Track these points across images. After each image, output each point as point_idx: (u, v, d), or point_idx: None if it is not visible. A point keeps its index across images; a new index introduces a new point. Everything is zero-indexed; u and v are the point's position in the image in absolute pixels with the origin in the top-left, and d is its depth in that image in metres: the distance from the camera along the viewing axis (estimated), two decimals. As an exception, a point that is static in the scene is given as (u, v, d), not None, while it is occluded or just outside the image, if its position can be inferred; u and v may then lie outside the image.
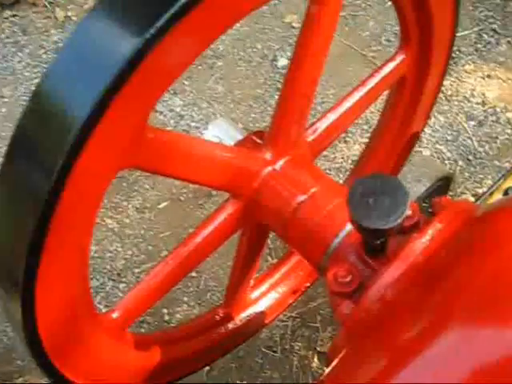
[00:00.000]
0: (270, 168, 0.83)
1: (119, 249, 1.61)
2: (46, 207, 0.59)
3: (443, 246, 0.67)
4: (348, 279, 0.72)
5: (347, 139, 1.68)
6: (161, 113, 1.77)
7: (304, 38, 0.77)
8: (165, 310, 1.49)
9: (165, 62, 0.58)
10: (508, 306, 0.59)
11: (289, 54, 1.86)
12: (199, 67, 1.86)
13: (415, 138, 1.11)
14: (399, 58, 0.94)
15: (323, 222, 0.79)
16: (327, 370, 0.66)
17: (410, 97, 1.02)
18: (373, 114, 1.71)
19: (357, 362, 0.63)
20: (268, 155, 0.83)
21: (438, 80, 1.03)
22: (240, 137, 0.92)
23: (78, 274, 0.70)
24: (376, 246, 0.71)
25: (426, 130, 1.68)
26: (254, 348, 1.42)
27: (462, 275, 0.62)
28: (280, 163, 0.84)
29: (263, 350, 1.42)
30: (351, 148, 1.69)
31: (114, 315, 0.82)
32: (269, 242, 1.49)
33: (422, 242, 0.68)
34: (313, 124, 0.90)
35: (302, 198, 0.81)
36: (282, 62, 1.84)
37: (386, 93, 1.10)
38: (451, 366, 0.56)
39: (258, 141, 0.86)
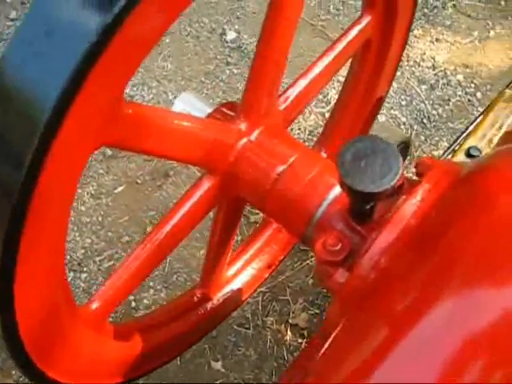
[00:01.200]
0: (245, 139, 0.80)
1: (77, 238, 1.55)
2: (21, 198, 0.54)
3: (433, 208, 0.66)
4: (338, 247, 0.70)
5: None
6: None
7: (276, 2, 0.74)
8: (131, 297, 1.45)
9: (142, 28, 0.53)
10: (504, 267, 0.58)
11: (237, 27, 1.82)
12: (145, 45, 1.79)
13: (380, 103, 1.10)
14: (365, 21, 0.93)
15: (305, 192, 0.77)
16: (326, 345, 0.64)
17: (374, 61, 1.01)
18: (327, 84, 1.70)
19: (356, 334, 0.62)
20: (242, 126, 0.80)
21: (402, 41, 1.02)
22: (208, 109, 0.88)
23: (56, 267, 0.66)
24: (365, 211, 0.70)
25: (380, 96, 1.69)
26: (226, 327, 1.40)
27: (457, 238, 0.61)
28: (255, 134, 0.81)
29: (235, 327, 1.41)
30: (307, 119, 1.68)
31: (93, 306, 0.78)
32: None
33: (413, 203, 0.67)
34: (284, 92, 0.88)
35: (281, 168, 0.79)
36: (231, 35, 1.80)
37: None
38: (452, 332, 0.56)
39: (230, 112, 0.83)
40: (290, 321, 1.42)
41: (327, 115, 1.67)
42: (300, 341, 1.41)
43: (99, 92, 0.54)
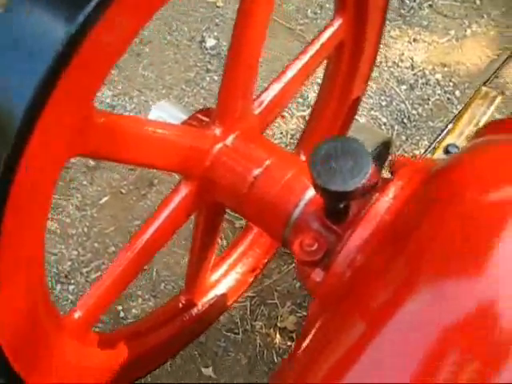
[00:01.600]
0: (220, 144, 0.81)
1: (63, 250, 1.55)
2: None
3: (406, 204, 0.67)
4: (314, 247, 0.71)
5: (284, 114, 1.68)
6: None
7: (245, 4, 0.75)
8: (119, 307, 1.45)
9: (108, 38, 0.54)
10: (473, 258, 0.59)
11: (216, 33, 1.83)
12: (126, 55, 1.80)
13: (357, 103, 1.12)
14: (337, 23, 0.94)
15: (281, 194, 0.78)
16: (304, 343, 0.64)
17: (349, 62, 1.02)
18: (307, 87, 1.71)
19: (333, 331, 0.62)
20: (217, 131, 0.81)
21: (376, 42, 1.03)
22: (184, 116, 0.89)
23: (36, 279, 0.66)
24: (339, 210, 0.71)
25: (360, 97, 1.71)
26: (215, 332, 1.41)
27: (426, 232, 0.62)
28: (230, 139, 0.82)
29: (225, 333, 1.41)
30: (289, 123, 1.69)
31: (76, 315, 0.78)
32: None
33: (386, 200, 0.68)
34: (258, 96, 0.88)
35: (257, 171, 0.79)
36: (210, 42, 1.81)
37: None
38: (427, 324, 0.56)
39: (205, 118, 0.84)
40: (278, 324, 1.42)
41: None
42: (289, 344, 1.42)
43: (68, 102, 0.55)
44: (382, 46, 1.80)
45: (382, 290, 0.61)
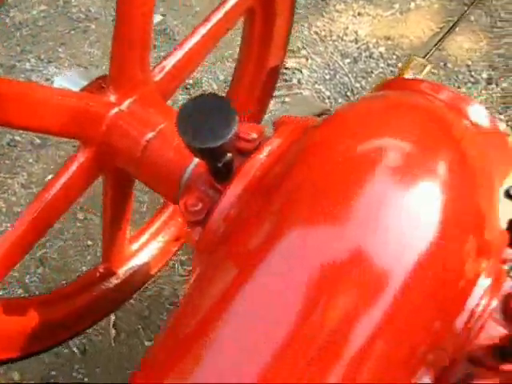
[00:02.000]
0: (116, 109, 0.82)
1: (9, 228, 1.55)
2: None
3: (279, 160, 0.68)
4: (198, 207, 0.72)
5: (226, 89, 1.68)
6: (36, 83, 1.71)
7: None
8: (64, 283, 1.47)
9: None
10: (333, 205, 0.60)
11: (162, 9, 1.83)
12: (72, 32, 1.80)
13: (275, 74, 1.12)
14: (244, -12, 0.94)
15: (173, 157, 0.79)
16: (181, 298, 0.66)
17: (261, 30, 1.03)
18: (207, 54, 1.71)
19: (204, 281, 0.64)
20: (113, 97, 0.82)
21: (288, 13, 1.04)
22: (85, 83, 0.89)
23: None
24: (221, 169, 0.71)
25: (304, 71, 1.71)
26: (158, 306, 1.42)
27: (295, 182, 0.64)
28: (126, 104, 0.82)
29: (168, 306, 1.43)
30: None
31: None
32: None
33: (260, 158, 0.69)
34: (159, 63, 0.89)
35: (150, 135, 0.80)
36: (157, 18, 1.81)
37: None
38: (296, 267, 0.58)
39: (103, 85, 0.84)
40: (220, 296, 1.44)
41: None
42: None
43: None
44: (327, 20, 1.82)
45: (252, 237, 0.62)
